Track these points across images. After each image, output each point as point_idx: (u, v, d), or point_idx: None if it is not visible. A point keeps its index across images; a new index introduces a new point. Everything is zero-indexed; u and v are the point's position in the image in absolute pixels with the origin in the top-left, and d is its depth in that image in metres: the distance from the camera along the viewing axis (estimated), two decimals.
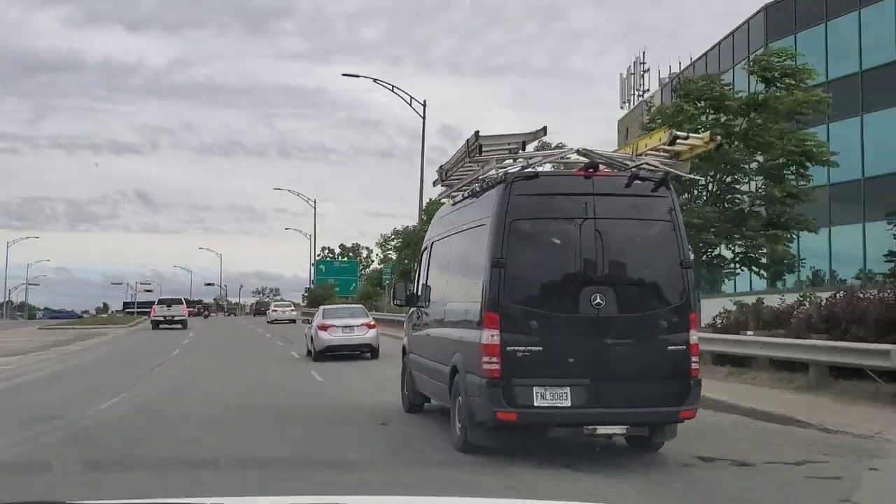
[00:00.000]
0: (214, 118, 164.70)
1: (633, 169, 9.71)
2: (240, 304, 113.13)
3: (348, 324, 24.52)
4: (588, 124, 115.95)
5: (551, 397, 8.96)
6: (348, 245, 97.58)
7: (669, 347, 9.18)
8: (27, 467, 9.36)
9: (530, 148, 10.35)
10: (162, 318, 50.98)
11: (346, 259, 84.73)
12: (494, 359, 9.01)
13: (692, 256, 9.53)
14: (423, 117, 39.67)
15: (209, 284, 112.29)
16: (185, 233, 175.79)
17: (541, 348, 9.04)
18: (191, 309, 61.29)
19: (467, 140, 10.06)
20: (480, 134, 9.71)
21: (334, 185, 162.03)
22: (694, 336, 9.30)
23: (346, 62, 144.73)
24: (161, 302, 54.70)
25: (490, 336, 9.07)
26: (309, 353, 25.28)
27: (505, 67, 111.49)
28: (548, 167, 10.71)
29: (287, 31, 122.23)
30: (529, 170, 9.64)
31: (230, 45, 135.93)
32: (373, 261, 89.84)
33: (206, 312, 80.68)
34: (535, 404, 8.95)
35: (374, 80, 40.29)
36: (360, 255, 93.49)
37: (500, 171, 9.77)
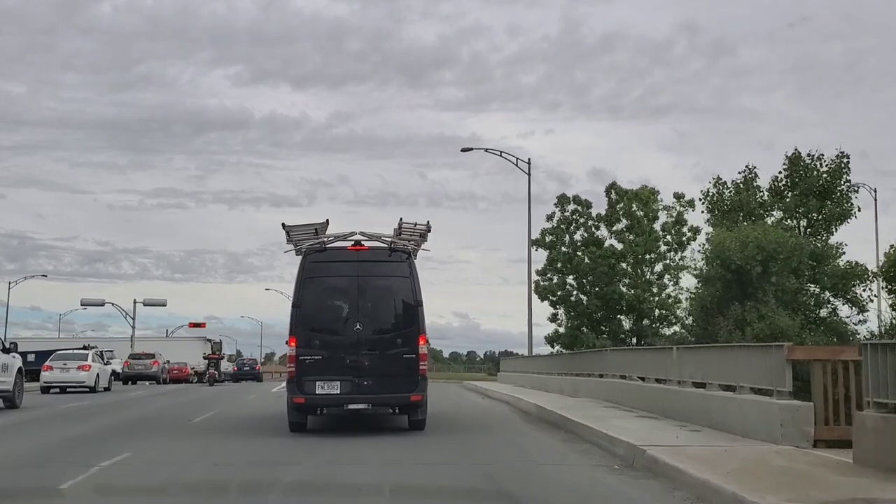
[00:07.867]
0: (370, 170, 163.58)
1: (389, 245, 15.20)
2: None
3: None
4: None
5: (328, 388, 14.27)
6: None
7: (405, 356, 14.51)
8: None
9: (334, 228, 15.82)
10: (54, 382, 33.80)
11: None
12: (292, 365, 14.39)
13: (423, 299, 14.88)
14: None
15: None
16: None
17: (321, 357, 14.38)
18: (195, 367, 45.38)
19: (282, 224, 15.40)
20: (286, 224, 15.20)
21: (481, 233, 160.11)
22: (423, 348, 14.67)
23: (502, 108, 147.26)
24: (58, 357, 35.08)
25: (291, 350, 14.45)
26: None
27: (666, 107, 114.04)
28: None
29: (446, 80, 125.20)
30: (319, 245, 15.07)
31: (390, 97, 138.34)
32: None
33: (211, 375, 47.36)
34: (317, 392, 14.25)
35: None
36: None
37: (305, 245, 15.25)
